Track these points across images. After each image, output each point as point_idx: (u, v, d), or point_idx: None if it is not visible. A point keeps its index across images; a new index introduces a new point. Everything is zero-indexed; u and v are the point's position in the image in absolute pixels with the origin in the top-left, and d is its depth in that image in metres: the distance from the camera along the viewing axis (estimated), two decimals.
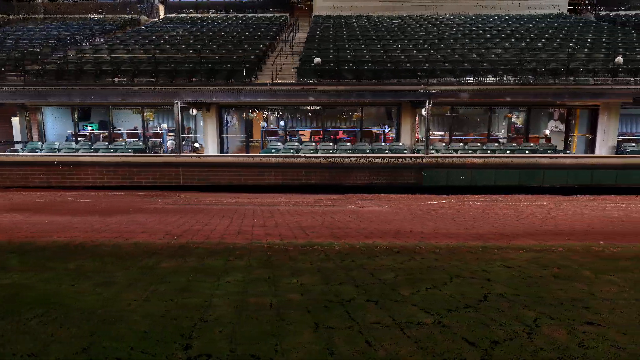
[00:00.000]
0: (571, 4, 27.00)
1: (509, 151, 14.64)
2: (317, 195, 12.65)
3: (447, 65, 15.94)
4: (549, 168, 13.42)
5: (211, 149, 16.27)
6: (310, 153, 14.35)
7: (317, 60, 15.13)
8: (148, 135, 17.98)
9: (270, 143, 15.83)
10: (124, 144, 15.90)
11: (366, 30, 22.16)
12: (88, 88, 14.73)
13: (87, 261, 3.78)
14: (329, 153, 14.29)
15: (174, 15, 27.88)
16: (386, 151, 14.55)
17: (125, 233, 5.63)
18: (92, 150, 14.93)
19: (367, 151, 14.54)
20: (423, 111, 14.48)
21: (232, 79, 15.29)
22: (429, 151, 14.31)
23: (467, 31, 21.64)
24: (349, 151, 14.57)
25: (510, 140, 17.68)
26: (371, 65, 16.06)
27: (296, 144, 15.50)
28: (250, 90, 14.59)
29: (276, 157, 13.75)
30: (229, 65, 15.96)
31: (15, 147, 16.35)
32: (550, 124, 18.60)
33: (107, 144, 15.69)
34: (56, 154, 14.51)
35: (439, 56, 17.20)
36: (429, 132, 14.43)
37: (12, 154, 15.01)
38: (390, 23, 23.78)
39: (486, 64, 15.88)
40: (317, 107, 17.09)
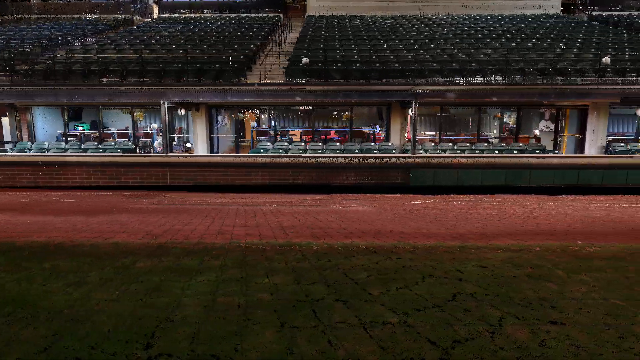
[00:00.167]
0: (565, 4, 27.16)
1: (497, 151, 14.70)
2: (304, 195, 12.63)
3: (436, 65, 15.99)
4: (536, 168, 13.50)
5: (201, 149, 16.22)
6: (299, 153, 14.34)
7: (305, 60, 15.12)
8: (138, 135, 17.89)
9: (260, 143, 15.80)
10: (114, 144, 15.83)
11: (358, 30, 22.19)
12: (75, 88, 14.64)
13: (64, 261, 3.75)
14: (318, 153, 14.29)
15: (167, 15, 27.79)
16: (375, 151, 14.57)
17: (106, 233, 5.59)
18: (81, 150, 14.83)
19: (356, 151, 14.55)
20: (410, 111, 14.52)
21: (221, 79, 15.24)
22: (417, 151, 14.35)
23: (459, 31, 21.71)
24: (338, 151, 14.58)
25: (501, 140, 17.75)
26: (359, 65, 16.08)
27: (285, 144, 15.48)
28: (237, 90, 14.56)
29: (263, 157, 13.72)
30: (217, 66, 15.91)
31: (4, 147, 16.22)
32: (541, 124, 18.68)
33: (97, 144, 15.60)
34: (44, 154, 14.42)
35: (428, 56, 17.25)
36: (415, 132, 14.47)
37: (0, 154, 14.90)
38: (383, 23, 23.83)
39: (475, 64, 15.95)
40: (308, 107, 17.07)
